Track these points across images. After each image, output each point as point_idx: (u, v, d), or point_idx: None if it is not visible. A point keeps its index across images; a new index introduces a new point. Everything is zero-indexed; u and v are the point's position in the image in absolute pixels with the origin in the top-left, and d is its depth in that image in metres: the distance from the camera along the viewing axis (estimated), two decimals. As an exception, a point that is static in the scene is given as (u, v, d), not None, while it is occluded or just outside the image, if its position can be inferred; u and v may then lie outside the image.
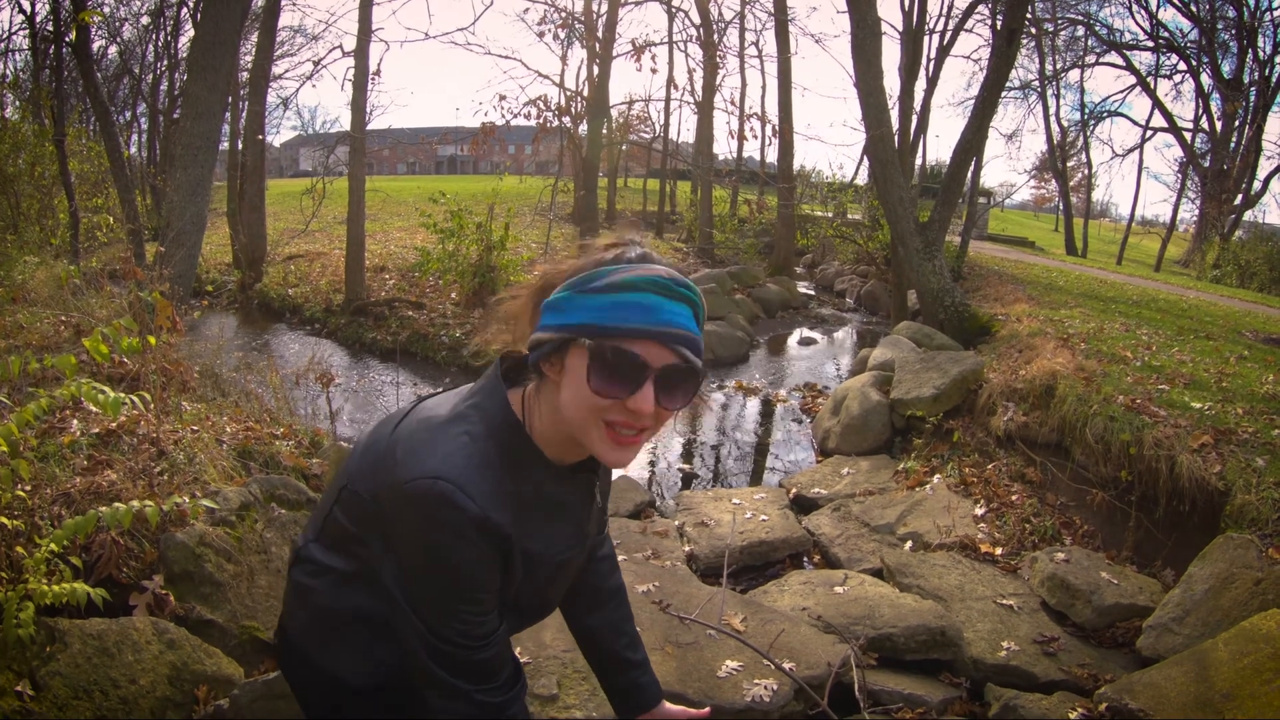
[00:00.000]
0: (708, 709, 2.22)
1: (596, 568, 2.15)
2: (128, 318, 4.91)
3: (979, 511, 6.53)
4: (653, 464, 8.44)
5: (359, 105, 13.61)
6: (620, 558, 5.28)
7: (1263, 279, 19.66)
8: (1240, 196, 27.37)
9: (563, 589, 1.92)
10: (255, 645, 4.03)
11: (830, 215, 22.74)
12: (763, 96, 42.76)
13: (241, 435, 5.55)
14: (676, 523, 6.40)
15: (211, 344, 8.64)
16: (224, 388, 7.03)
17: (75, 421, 4.78)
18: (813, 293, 18.93)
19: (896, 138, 12.93)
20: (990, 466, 7.24)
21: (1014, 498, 6.72)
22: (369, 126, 15.65)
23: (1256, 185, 28.25)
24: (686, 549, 6.00)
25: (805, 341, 14.01)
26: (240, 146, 17.28)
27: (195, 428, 5.21)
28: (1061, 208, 29.74)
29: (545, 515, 1.68)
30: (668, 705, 2.16)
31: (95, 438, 4.63)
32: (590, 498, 1.84)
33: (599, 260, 1.53)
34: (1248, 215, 28.65)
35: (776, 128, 21.97)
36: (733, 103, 28.33)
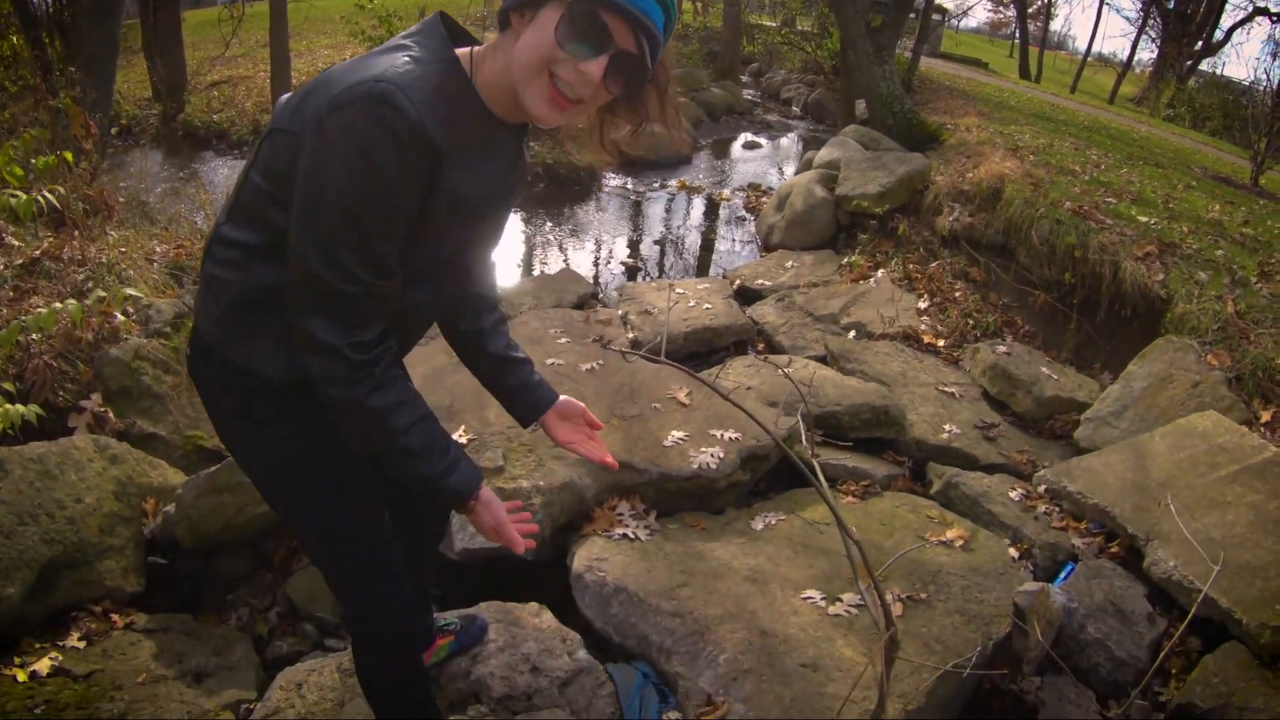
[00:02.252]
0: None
1: (485, 290, 2.16)
2: (39, 129, 4.73)
3: (922, 305, 6.46)
4: (595, 259, 8.14)
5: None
6: (561, 340, 5.05)
7: (1215, 125, 19.66)
8: (1201, 43, 27.08)
9: (475, 259, 1.97)
10: (201, 454, 3.92)
11: (778, 24, 21.89)
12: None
13: (173, 253, 5.25)
14: (620, 312, 6.17)
15: (136, 176, 8.08)
16: (152, 215, 6.65)
17: (-3, 257, 4.45)
18: (758, 100, 18.29)
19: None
20: (934, 264, 7.14)
21: (957, 294, 6.66)
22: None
23: (1218, 35, 27.96)
24: (630, 335, 5.80)
25: (750, 145, 13.57)
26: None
27: (124, 249, 4.91)
28: (1018, 34, 29.02)
29: (475, 151, 1.66)
30: (566, 398, 2.28)
31: (20, 269, 4.37)
32: (520, 155, 1.83)
33: None
34: (1205, 65, 28.51)
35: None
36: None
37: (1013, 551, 3.71)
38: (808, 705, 2.67)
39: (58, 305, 3.38)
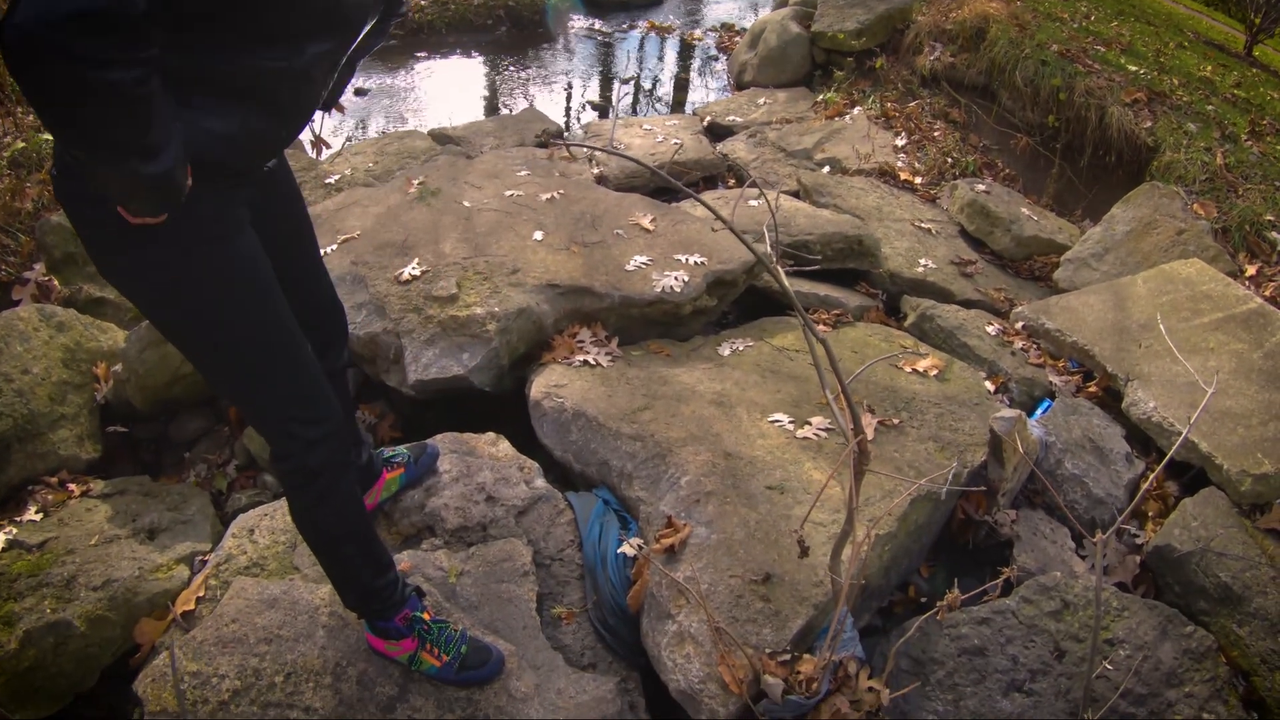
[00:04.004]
0: None
1: None
2: None
3: (899, 142, 6.17)
4: (561, 101, 7.65)
5: None
6: (522, 172, 4.72)
7: (1212, -4, 19.10)
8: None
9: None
10: None
11: None
12: None
13: None
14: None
15: None
16: None
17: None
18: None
19: None
20: (914, 104, 6.81)
21: (936, 134, 6.36)
22: None
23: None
24: (595, 171, 5.45)
25: (723, -14, 12.89)
26: None
27: None
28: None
29: None
30: None
31: None
32: None
33: None
34: None
35: None
36: None
37: (988, 384, 3.56)
38: (774, 527, 2.52)
39: None
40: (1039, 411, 3.53)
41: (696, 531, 2.51)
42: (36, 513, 2.81)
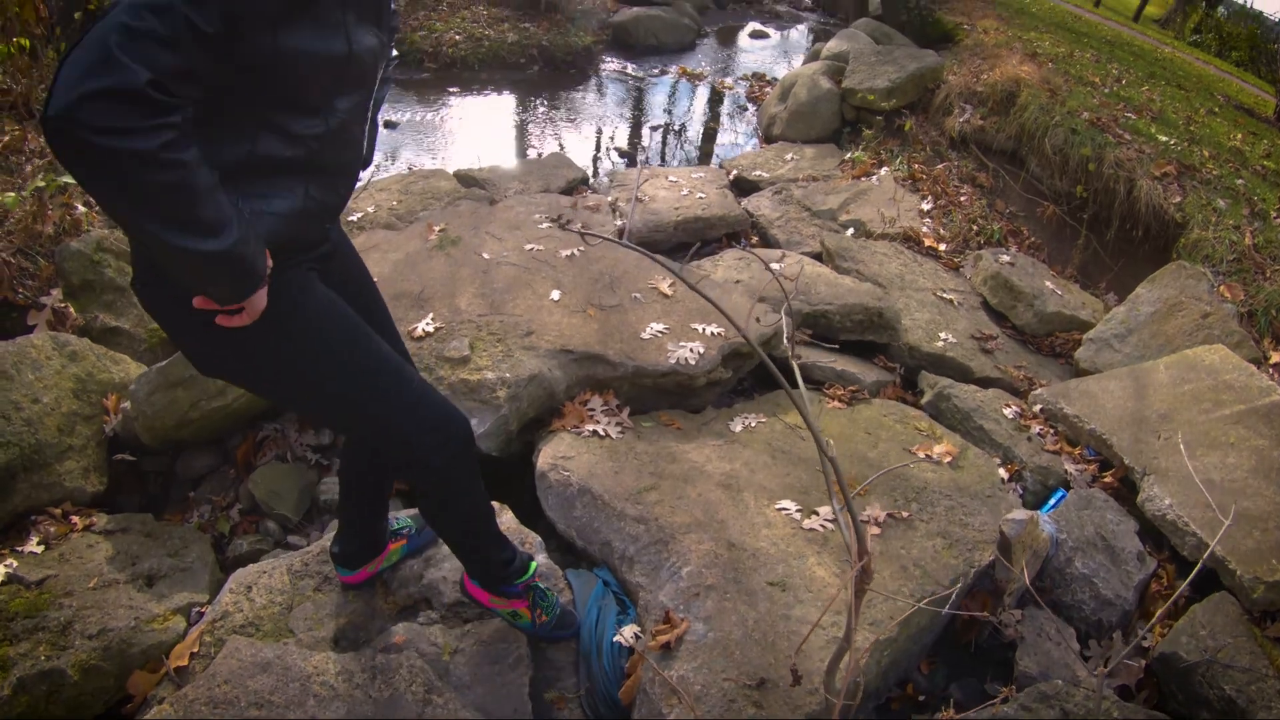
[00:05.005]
0: None
1: None
2: None
3: (925, 207, 6.14)
4: (589, 145, 7.68)
5: None
6: (543, 225, 4.73)
7: (1241, 55, 18.89)
8: (1234, -33, 25.93)
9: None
10: (166, 347, 3.74)
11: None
12: None
13: None
14: (609, 198, 5.81)
15: None
16: None
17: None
18: (769, -13, 17.40)
19: None
20: (941, 166, 6.80)
21: (963, 199, 6.34)
22: None
23: (1253, -36, 26.70)
24: (618, 223, 5.46)
25: (757, 35, 12.85)
26: None
27: None
28: (1044, -61, 27.66)
29: None
30: None
31: None
32: None
33: None
34: None
35: None
36: None
37: (1003, 472, 3.51)
38: (772, 628, 2.48)
39: (8, 195, 3.15)
40: (1052, 502, 3.47)
41: (694, 628, 2.48)
42: (38, 544, 2.79)
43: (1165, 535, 3.33)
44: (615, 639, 2.58)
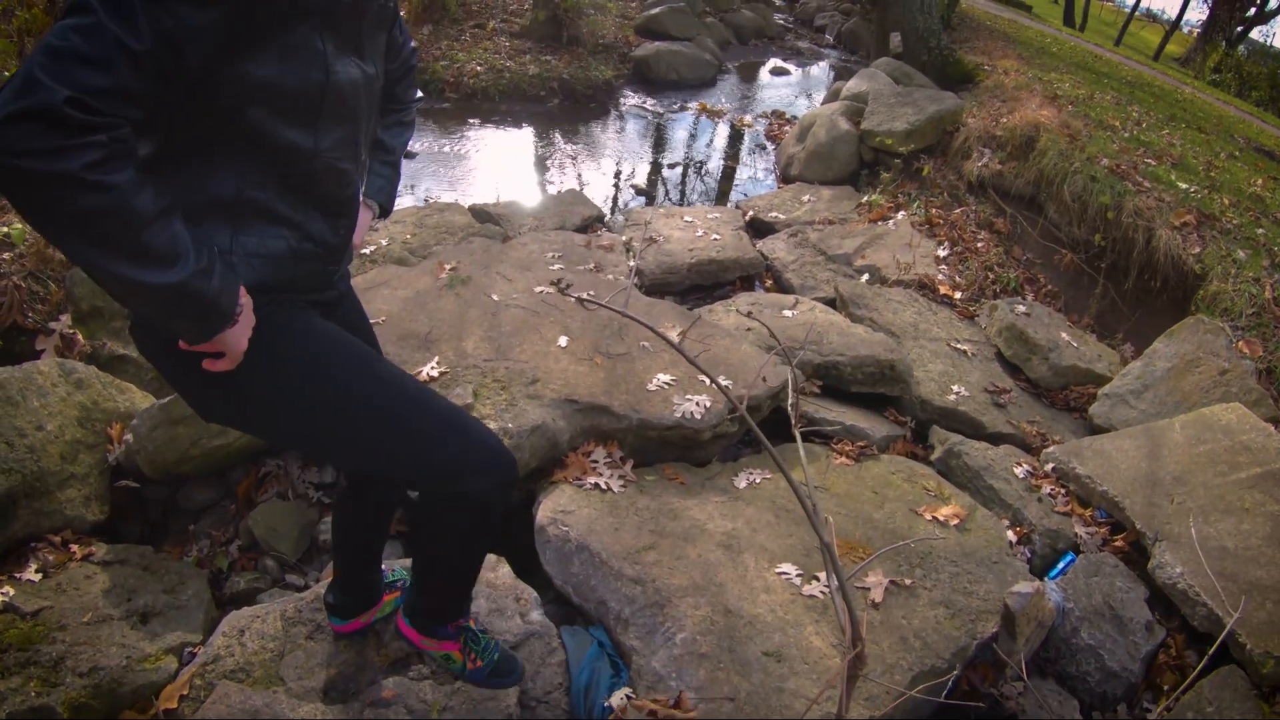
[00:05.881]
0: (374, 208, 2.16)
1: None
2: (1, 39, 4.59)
3: (942, 253, 6.10)
4: (606, 181, 7.71)
5: None
6: (555, 266, 4.72)
7: (1262, 95, 18.81)
8: (1254, 8, 25.82)
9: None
10: None
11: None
12: None
13: None
14: (624, 238, 5.81)
15: None
16: None
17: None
18: (790, 25, 17.47)
19: None
20: (958, 211, 6.75)
21: (980, 245, 6.30)
22: None
23: (1272, 3, 26.59)
24: (633, 264, 5.45)
25: (777, 71, 12.89)
26: None
27: None
28: (1064, -20, 27.64)
29: None
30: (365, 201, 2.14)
31: None
32: None
33: None
34: (1256, 33, 27.25)
35: None
36: None
37: (1011, 535, 3.46)
38: (764, 702, 2.43)
39: (15, 225, 3.17)
40: (1060, 566, 3.41)
41: (685, 696, 2.43)
42: (36, 571, 2.80)
43: (1175, 603, 3.25)
44: (606, 704, 2.54)
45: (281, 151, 1.57)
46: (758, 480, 3.48)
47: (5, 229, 3.50)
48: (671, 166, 8.33)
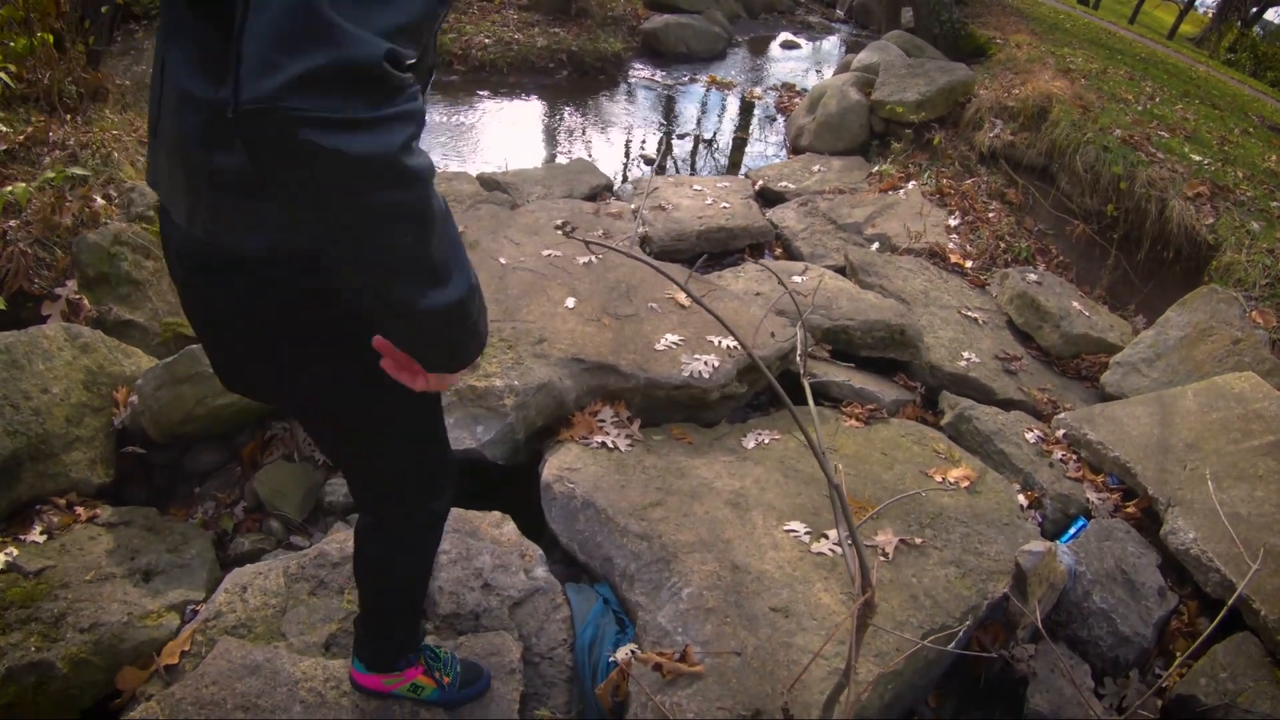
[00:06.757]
0: None
1: None
2: (7, 7, 4.47)
3: (952, 222, 6.04)
4: (615, 151, 7.65)
5: None
6: (559, 218, 4.66)
7: (1277, 75, 18.66)
8: (1269, -11, 25.55)
9: None
10: (180, 341, 3.73)
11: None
12: None
13: None
14: (633, 206, 5.76)
15: (147, 60, 7.31)
16: None
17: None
18: (802, 0, 17.33)
19: None
20: (970, 181, 6.68)
21: (991, 215, 6.23)
22: None
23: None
24: (641, 231, 5.40)
25: (788, 45, 12.78)
26: None
27: (117, 132, 4.61)
28: (1080, -43, 27.32)
29: None
30: None
31: (2, 154, 4.14)
32: None
33: None
34: (1271, 14, 26.96)
35: None
36: None
37: (1022, 499, 3.42)
38: (771, 656, 2.40)
39: (19, 185, 3.14)
40: (1071, 532, 3.37)
41: (691, 650, 2.40)
42: (41, 533, 2.78)
43: (1188, 569, 3.21)
44: (610, 659, 2.51)
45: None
46: (766, 441, 3.44)
47: (10, 190, 3.45)
48: (681, 137, 8.26)
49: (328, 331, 1.39)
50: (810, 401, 1.94)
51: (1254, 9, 24.98)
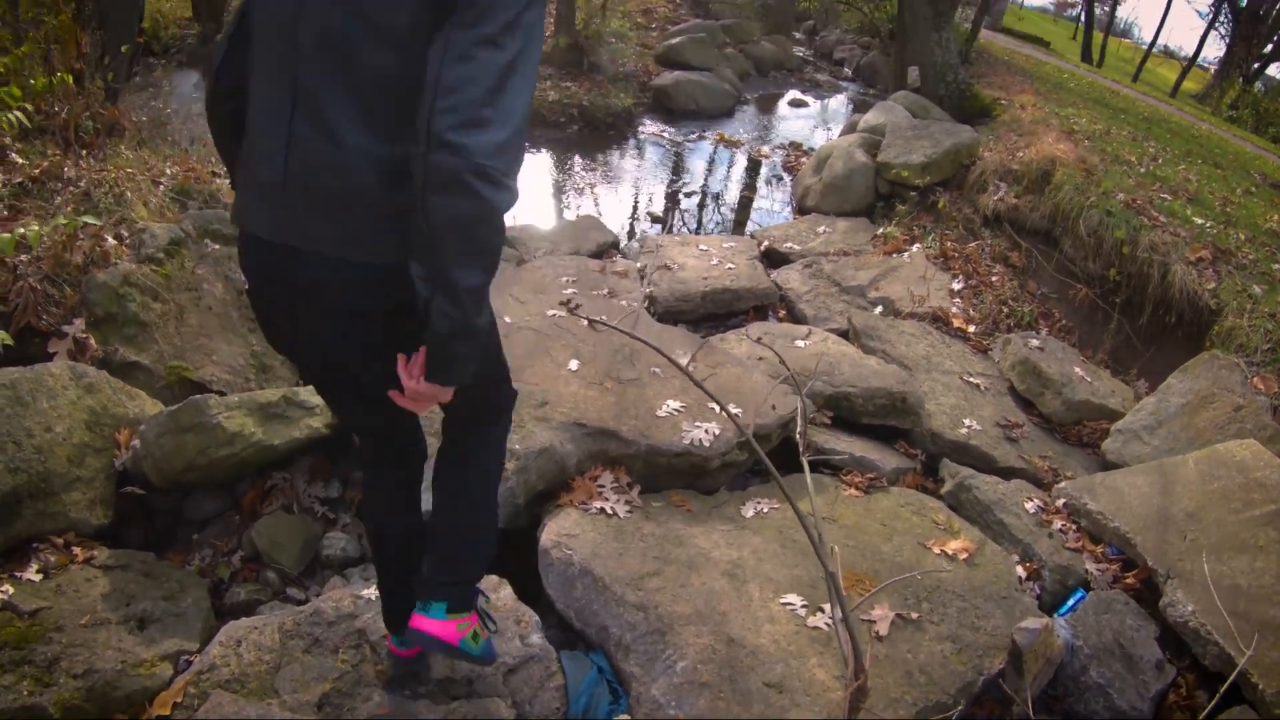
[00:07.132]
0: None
1: None
2: (28, 44, 4.53)
3: (956, 286, 6.09)
4: (622, 208, 7.75)
5: None
6: (568, 290, 4.73)
7: (1278, 131, 18.80)
8: (1271, 45, 25.78)
9: None
10: (185, 386, 3.76)
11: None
12: None
13: (181, 176, 4.96)
14: (639, 264, 5.83)
15: (165, 97, 7.73)
16: (174, 137, 6.22)
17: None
18: (810, 59, 17.58)
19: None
20: (973, 244, 6.74)
21: (994, 279, 6.28)
22: None
23: (1290, 41, 26.57)
24: (647, 290, 5.47)
25: (796, 103, 12.98)
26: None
27: (132, 170, 4.67)
28: (1083, 16, 27.61)
29: None
30: None
31: (17, 187, 4.20)
32: None
33: None
34: (1273, 69, 27.24)
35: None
36: None
37: (1020, 570, 3.42)
38: (766, 734, 2.40)
39: (32, 226, 3.21)
40: (1070, 603, 3.37)
41: (686, 726, 2.41)
42: (37, 572, 2.79)
43: (1187, 642, 3.20)
44: (605, 731, 2.52)
45: None
46: (765, 510, 3.46)
47: (22, 230, 3.50)
48: (688, 195, 8.36)
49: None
50: (809, 483, 1.97)
51: (1255, 65, 25.22)
